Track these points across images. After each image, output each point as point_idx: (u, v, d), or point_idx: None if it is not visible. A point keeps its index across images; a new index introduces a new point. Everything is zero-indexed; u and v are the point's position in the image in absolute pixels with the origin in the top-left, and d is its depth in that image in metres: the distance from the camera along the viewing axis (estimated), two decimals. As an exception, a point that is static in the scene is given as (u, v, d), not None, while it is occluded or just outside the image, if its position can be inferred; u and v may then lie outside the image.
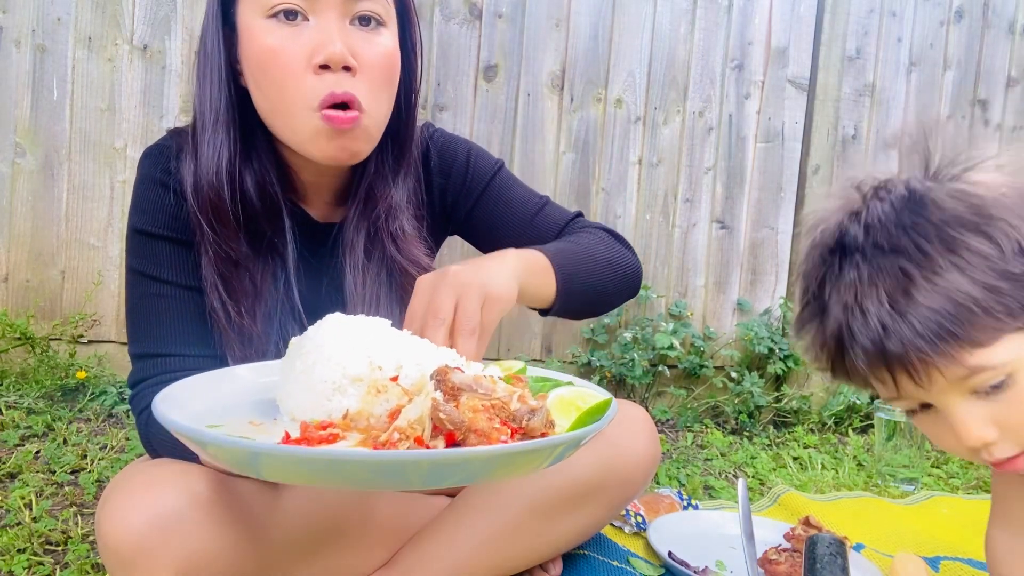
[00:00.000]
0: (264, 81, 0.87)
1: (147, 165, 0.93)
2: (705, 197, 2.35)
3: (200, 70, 0.91)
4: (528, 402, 0.59)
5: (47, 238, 1.92)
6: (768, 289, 2.43)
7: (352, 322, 0.69)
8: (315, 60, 0.84)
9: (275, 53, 0.85)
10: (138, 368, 0.91)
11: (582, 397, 0.64)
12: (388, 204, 0.98)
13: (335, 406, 0.62)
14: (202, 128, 0.89)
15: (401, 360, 0.64)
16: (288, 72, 0.85)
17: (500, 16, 2.14)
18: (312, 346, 0.66)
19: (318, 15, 0.85)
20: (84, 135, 1.92)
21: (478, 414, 0.56)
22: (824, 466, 1.88)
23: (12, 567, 1.09)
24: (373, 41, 0.88)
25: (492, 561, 1.01)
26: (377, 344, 0.65)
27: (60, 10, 1.88)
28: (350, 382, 0.62)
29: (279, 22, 0.85)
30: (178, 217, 0.91)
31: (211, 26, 0.90)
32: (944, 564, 1.32)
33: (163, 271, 0.90)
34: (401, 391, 0.61)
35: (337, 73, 0.85)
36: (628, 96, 2.27)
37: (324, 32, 0.85)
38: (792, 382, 2.39)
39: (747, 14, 2.33)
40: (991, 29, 2.57)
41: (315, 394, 0.63)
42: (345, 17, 0.86)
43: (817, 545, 0.98)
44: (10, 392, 1.78)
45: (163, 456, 0.87)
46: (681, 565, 1.16)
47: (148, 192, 0.92)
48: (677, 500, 1.46)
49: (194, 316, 0.90)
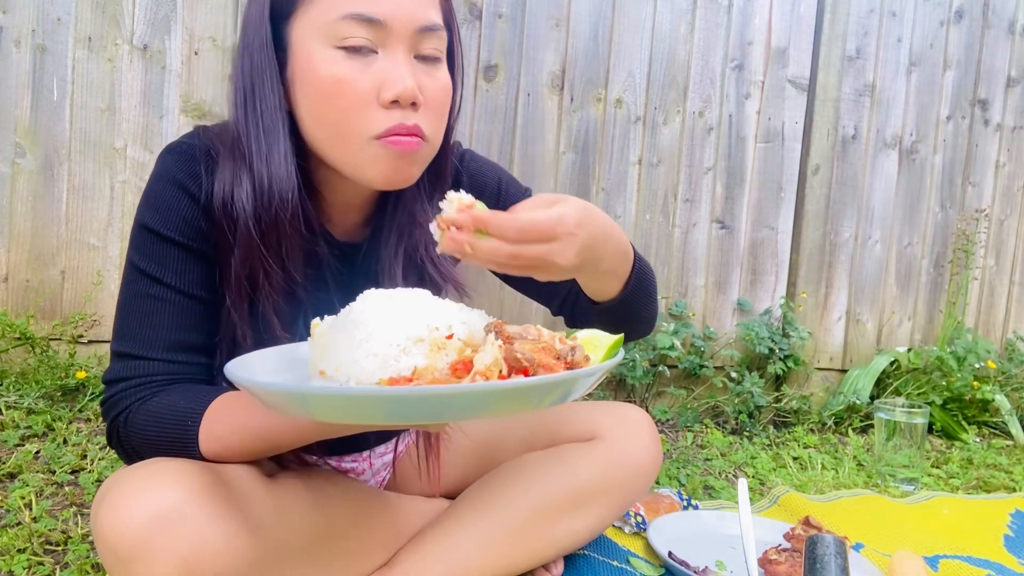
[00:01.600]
0: (324, 110, 0.85)
1: (169, 162, 0.90)
2: (705, 197, 2.35)
3: (245, 87, 0.87)
4: (567, 342, 0.71)
5: (47, 238, 1.92)
6: (768, 289, 2.43)
7: (395, 293, 0.75)
8: (385, 95, 0.83)
9: (343, 84, 0.83)
10: (119, 366, 0.88)
11: (596, 338, 0.75)
12: (427, 226, 0.97)
13: (403, 365, 0.67)
14: (257, 151, 0.86)
15: (449, 321, 0.72)
16: (354, 104, 0.83)
17: (500, 16, 2.15)
18: (366, 317, 0.72)
19: (387, 48, 0.84)
20: (84, 135, 1.92)
21: (537, 353, 0.67)
22: (824, 466, 1.88)
23: (12, 567, 1.09)
24: (435, 76, 0.88)
25: (492, 563, 1.01)
26: (425, 309, 0.72)
27: (60, 10, 1.88)
28: (413, 343, 0.68)
29: (346, 53, 0.83)
30: (192, 224, 0.88)
31: (258, 42, 0.86)
32: (943, 563, 1.32)
33: (165, 274, 0.88)
34: (461, 345, 0.69)
35: (404, 109, 0.84)
36: (628, 96, 2.27)
37: (395, 67, 0.84)
38: (792, 382, 2.39)
39: (747, 14, 2.33)
40: (991, 29, 2.57)
41: (382, 358, 0.68)
42: (412, 51, 0.86)
43: (817, 545, 0.99)
44: (10, 392, 1.78)
45: (137, 459, 0.84)
46: (681, 565, 1.16)
47: (165, 191, 0.88)
48: (677, 500, 1.46)
49: (186, 324, 0.88)
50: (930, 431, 2.29)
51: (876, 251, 2.54)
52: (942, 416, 2.30)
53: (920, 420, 1.77)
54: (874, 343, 2.56)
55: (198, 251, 0.89)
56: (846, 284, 2.51)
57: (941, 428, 2.30)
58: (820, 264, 2.47)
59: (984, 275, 2.67)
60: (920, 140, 2.54)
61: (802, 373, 2.40)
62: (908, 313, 2.60)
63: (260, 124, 0.86)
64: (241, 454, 0.84)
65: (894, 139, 2.52)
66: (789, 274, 2.45)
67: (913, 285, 2.60)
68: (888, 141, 2.51)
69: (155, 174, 0.90)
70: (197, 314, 0.89)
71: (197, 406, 0.84)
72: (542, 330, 0.72)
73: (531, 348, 0.68)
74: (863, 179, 2.49)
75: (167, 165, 0.89)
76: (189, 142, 0.91)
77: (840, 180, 2.46)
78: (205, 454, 0.83)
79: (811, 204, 2.42)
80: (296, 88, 0.87)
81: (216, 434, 0.83)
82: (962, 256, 2.60)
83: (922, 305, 2.61)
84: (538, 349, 0.68)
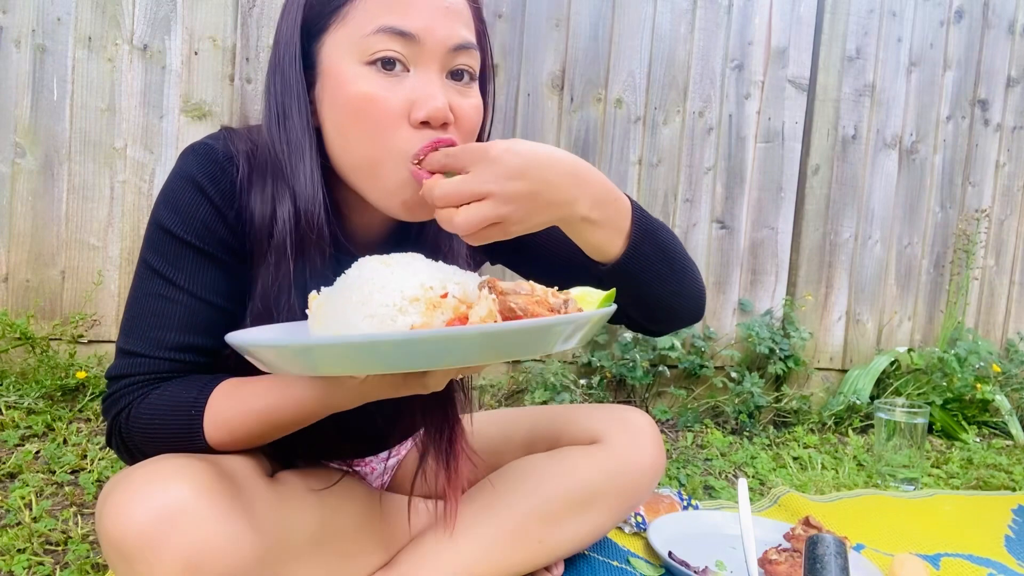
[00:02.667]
0: (354, 128, 0.83)
1: (191, 163, 0.88)
2: (705, 197, 2.35)
3: (275, 106, 0.86)
4: (559, 296, 0.73)
5: (47, 238, 1.92)
6: (768, 289, 2.43)
7: (390, 258, 0.76)
8: (416, 115, 0.81)
9: (373, 101, 0.81)
10: (123, 363, 0.87)
11: (588, 294, 0.78)
12: (448, 251, 0.95)
13: (400, 325, 0.68)
14: (290, 169, 0.85)
15: (444, 280, 0.73)
16: (384, 122, 0.81)
17: (500, 16, 2.14)
18: (362, 281, 0.72)
19: (419, 66, 0.82)
20: (84, 135, 1.92)
21: (531, 305, 0.70)
22: (824, 466, 1.88)
23: (12, 567, 1.09)
24: (467, 95, 0.86)
25: (493, 565, 1.01)
26: (420, 271, 0.73)
27: (60, 10, 1.88)
28: (409, 302, 0.69)
29: (377, 70, 0.81)
30: (209, 228, 0.87)
31: (288, 59, 0.85)
32: (945, 561, 1.32)
33: (180, 277, 0.87)
34: (456, 303, 0.70)
35: (436, 130, 0.82)
36: (628, 96, 2.27)
37: (427, 86, 0.82)
38: (792, 382, 2.39)
39: (747, 14, 2.33)
40: (991, 29, 2.57)
41: (379, 318, 0.69)
42: (444, 70, 0.84)
43: (817, 545, 0.99)
44: (10, 392, 1.78)
45: (141, 457, 0.83)
46: (681, 565, 1.16)
47: (185, 193, 0.87)
48: (677, 500, 1.46)
49: (196, 327, 0.87)
50: (930, 431, 2.29)
51: (876, 251, 2.54)
52: (942, 416, 2.30)
53: (920, 420, 1.77)
54: (874, 343, 2.56)
55: (213, 256, 0.88)
56: (846, 284, 2.51)
57: (941, 428, 2.30)
58: (820, 264, 2.47)
59: (984, 275, 2.67)
60: (920, 140, 2.54)
61: (802, 373, 2.40)
62: (908, 313, 2.60)
63: (289, 142, 0.85)
64: (248, 439, 0.84)
65: (894, 139, 2.52)
66: (789, 274, 2.45)
67: (913, 285, 2.60)
68: (888, 141, 2.51)
69: (175, 172, 0.88)
70: (207, 318, 0.88)
71: (199, 394, 0.83)
72: (535, 285, 0.74)
73: (525, 300, 0.70)
74: (863, 179, 2.49)
75: (189, 165, 0.88)
76: (212, 144, 0.89)
77: (840, 180, 2.46)
78: (211, 442, 0.83)
79: (811, 204, 2.43)
80: (325, 107, 0.85)
81: (221, 420, 0.82)
82: (962, 256, 2.60)
83: (922, 305, 2.62)
84: (532, 302, 0.71)
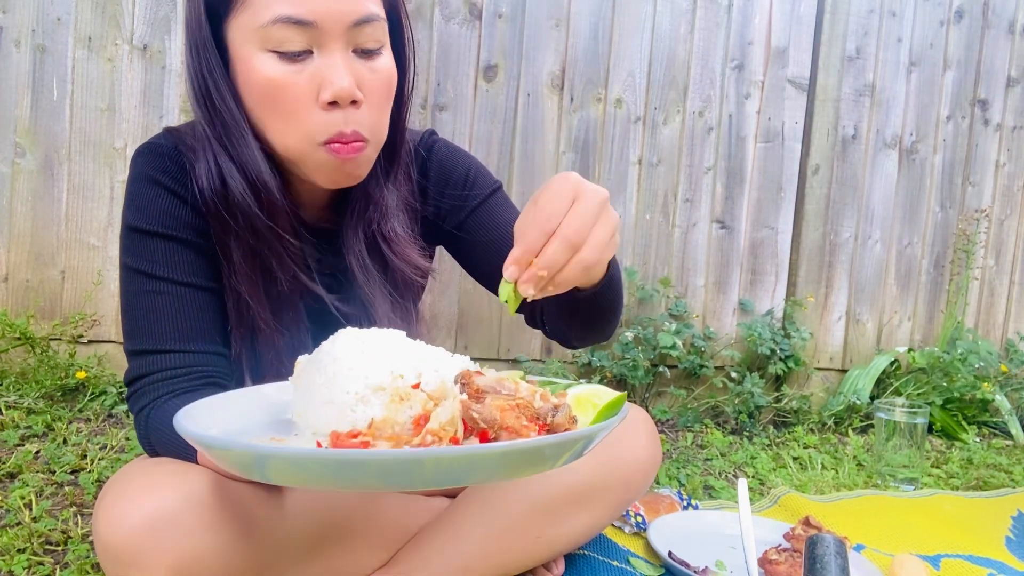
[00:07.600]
0: (268, 113, 0.87)
1: (140, 163, 0.94)
2: (705, 197, 2.35)
3: (198, 86, 0.88)
4: (550, 400, 0.61)
5: (47, 238, 1.92)
6: (768, 289, 2.43)
7: (367, 335, 0.69)
8: (323, 97, 0.83)
9: (281, 88, 0.84)
10: (135, 365, 0.90)
11: (596, 395, 0.66)
12: (381, 206, 0.99)
13: (359, 416, 0.61)
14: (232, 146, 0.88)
15: (420, 368, 0.65)
16: (294, 108, 0.84)
17: (500, 16, 2.14)
18: (329, 360, 0.66)
19: (322, 47, 0.84)
20: (84, 135, 1.92)
21: (506, 412, 0.58)
22: (824, 466, 1.88)
23: (12, 567, 1.09)
24: (375, 68, 0.88)
25: (493, 561, 1.01)
26: (395, 353, 0.66)
27: (60, 10, 1.88)
28: (372, 392, 0.62)
29: (281, 57, 0.83)
30: (172, 214, 0.91)
31: (200, 42, 0.87)
32: (945, 562, 1.32)
33: (157, 268, 0.90)
34: (425, 397, 0.61)
35: (345, 108, 0.84)
36: (628, 96, 2.27)
37: (331, 67, 0.83)
38: (792, 382, 2.39)
39: (747, 14, 2.33)
40: (991, 29, 2.57)
41: (338, 406, 0.62)
42: (349, 47, 0.85)
43: (817, 545, 0.99)
44: (10, 392, 1.78)
45: (162, 455, 0.86)
46: (681, 565, 1.16)
47: (142, 190, 0.92)
48: (677, 500, 1.46)
49: (191, 312, 0.90)
50: (930, 431, 2.29)
51: (876, 251, 2.54)
52: (942, 416, 2.30)
53: (920, 420, 1.77)
54: (874, 343, 2.56)
55: (185, 240, 0.91)
56: (846, 284, 2.51)
57: (941, 428, 2.30)
58: (820, 264, 2.46)
59: (984, 275, 2.67)
60: (920, 140, 2.54)
61: (802, 373, 2.40)
62: (908, 313, 2.60)
63: (223, 122, 0.88)
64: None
65: (894, 139, 2.51)
66: (789, 274, 2.45)
67: (913, 285, 2.60)
68: (888, 141, 2.51)
69: (130, 177, 0.94)
70: (197, 302, 0.91)
71: None
72: (521, 384, 0.63)
73: (501, 406, 0.59)
74: (863, 179, 2.49)
75: (139, 166, 0.94)
76: (155, 141, 0.95)
77: (840, 180, 2.46)
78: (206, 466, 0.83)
79: (811, 204, 2.42)
80: (242, 89, 0.88)
81: (209, 462, 0.83)
82: (962, 256, 2.60)
83: (922, 305, 2.61)
84: (509, 407, 0.59)
